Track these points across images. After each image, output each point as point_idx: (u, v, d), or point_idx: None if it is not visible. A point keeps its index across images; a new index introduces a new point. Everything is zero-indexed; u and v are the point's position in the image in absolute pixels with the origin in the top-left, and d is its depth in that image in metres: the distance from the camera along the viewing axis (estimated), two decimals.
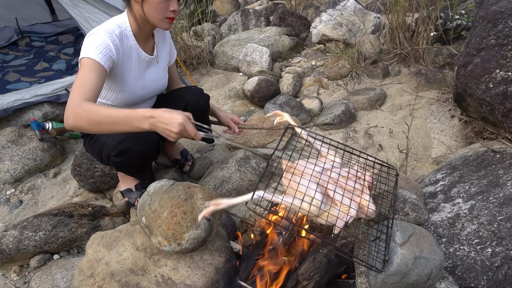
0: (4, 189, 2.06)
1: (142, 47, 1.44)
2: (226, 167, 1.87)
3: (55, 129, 2.28)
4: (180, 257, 1.31)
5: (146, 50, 1.46)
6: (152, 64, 1.51)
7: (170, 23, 1.34)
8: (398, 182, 1.45)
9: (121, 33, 1.33)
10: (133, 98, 1.47)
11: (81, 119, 1.09)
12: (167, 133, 1.09)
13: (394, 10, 2.68)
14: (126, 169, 1.59)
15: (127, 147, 1.39)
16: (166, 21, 1.32)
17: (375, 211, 1.14)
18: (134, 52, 1.41)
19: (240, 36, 3.43)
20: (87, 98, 1.13)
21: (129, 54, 1.39)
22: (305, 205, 1.06)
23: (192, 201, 1.28)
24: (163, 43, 1.58)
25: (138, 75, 1.45)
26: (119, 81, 1.39)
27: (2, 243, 1.52)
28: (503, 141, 1.70)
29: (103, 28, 1.29)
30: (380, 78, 2.78)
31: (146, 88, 1.50)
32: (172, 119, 1.07)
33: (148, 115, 1.08)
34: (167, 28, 1.37)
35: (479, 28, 1.80)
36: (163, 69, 1.59)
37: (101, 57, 1.22)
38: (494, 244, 1.27)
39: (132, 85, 1.43)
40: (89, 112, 1.08)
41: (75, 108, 1.10)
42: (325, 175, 1.19)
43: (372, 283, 1.11)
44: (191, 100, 1.62)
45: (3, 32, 3.30)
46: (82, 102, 1.10)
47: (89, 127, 1.11)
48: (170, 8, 1.29)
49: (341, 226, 1.05)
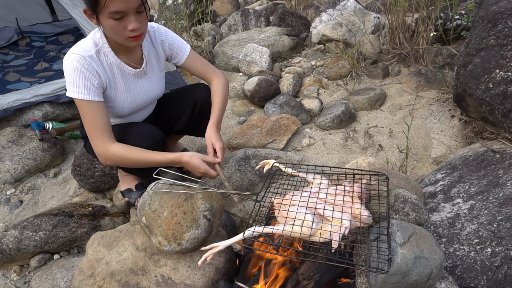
0: (4, 189, 2.06)
1: (125, 61, 1.37)
2: (226, 167, 1.87)
3: (55, 129, 2.28)
4: (180, 257, 1.31)
5: (131, 63, 1.39)
6: (141, 76, 1.44)
7: (136, 40, 1.23)
8: (398, 182, 1.45)
9: (98, 51, 1.29)
10: (125, 111, 1.45)
11: (121, 163, 1.33)
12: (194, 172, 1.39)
13: (394, 10, 2.68)
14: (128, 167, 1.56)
15: (132, 143, 1.38)
16: (129, 40, 1.22)
17: (369, 216, 1.16)
18: (116, 68, 1.35)
19: (240, 36, 3.43)
20: (110, 139, 1.29)
21: (111, 72, 1.34)
22: (297, 228, 1.10)
23: (192, 201, 1.28)
24: (153, 51, 1.48)
25: (126, 90, 1.40)
26: (110, 98, 1.38)
27: (3, 243, 1.52)
28: (503, 141, 1.70)
29: (77, 54, 1.23)
30: (380, 78, 2.78)
31: (137, 101, 1.46)
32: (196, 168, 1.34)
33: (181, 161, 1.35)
34: (135, 45, 1.28)
35: (479, 28, 1.80)
36: (156, 78, 1.51)
37: (89, 94, 1.25)
38: (494, 244, 1.27)
39: (120, 101, 1.40)
40: (128, 157, 1.30)
41: (110, 156, 1.29)
42: (314, 197, 1.23)
43: (372, 283, 1.11)
44: (201, 97, 1.62)
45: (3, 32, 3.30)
46: (112, 148, 1.29)
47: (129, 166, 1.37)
48: (128, 28, 1.18)
49: (338, 239, 1.06)
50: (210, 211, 1.29)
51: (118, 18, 1.15)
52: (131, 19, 1.17)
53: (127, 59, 1.38)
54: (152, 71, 1.49)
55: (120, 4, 1.11)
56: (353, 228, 1.15)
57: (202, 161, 1.33)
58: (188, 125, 1.70)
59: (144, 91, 1.47)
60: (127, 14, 1.15)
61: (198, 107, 1.63)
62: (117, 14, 1.13)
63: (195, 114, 1.65)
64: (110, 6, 1.11)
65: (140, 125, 1.49)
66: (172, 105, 1.69)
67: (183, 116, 1.66)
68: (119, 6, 1.12)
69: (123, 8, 1.13)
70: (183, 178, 1.52)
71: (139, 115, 1.57)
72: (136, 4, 1.15)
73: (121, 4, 1.12)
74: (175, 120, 1.69)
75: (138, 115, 1.56)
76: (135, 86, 1.44)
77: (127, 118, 1.53)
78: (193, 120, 1.67)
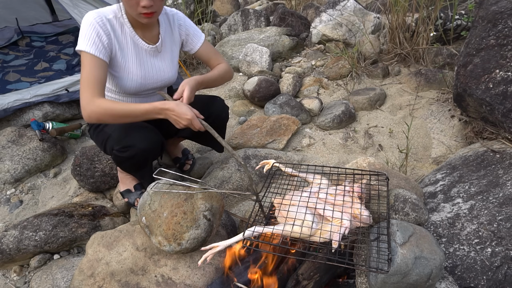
0: (4, 189, 2.06)
1: (141, 35, 1.41)
2: (226, 167, 1.87)
3: (55, 129, 2.28)
4: (180, 257, 1.31)
5: (146, 39, 1.42)
6: (155, 54, 1.47)
7: (148, 17, 1.28)
8: (398, 182, 1.45)
9: (116, 18, 1.34)
10: (133, 86, 1.44)
11: (103, 117, 1.26)
12: (177, 123, 1.29)
13: (394, 10, 2.68)
14: (126, 164, 1.55)
15: (132, 143, 1.39)
16: (141, 16, 1.28)
17: (369, 216, 1.16)
18: (130, 40, 1.39)
19: (240, 36, 3.43)
20: (99, 94, 1.25)
21: (125, 42, 1.38)
22: (296, 228, 1.10)
23: (192, 201, 1.28)
24: (169, 32, 1.52)
25: (137, 63, 1.42)
26: (120, 67, 1.39)
27: (3, 243, 1.52)
28: (503, 141, 1.70)
29: (97, 13, 1.30)
30: (380, 78, 2.78)
31: (147, 78, 1.46)
32: (183, 114, 1.26)
33: (164, 107, 1.27)
34: (146, 22, 1.32)
35: (479, 28, 1.80)
36: (168, 60, 1.53)
37: (96, 50, 1.26)
38: (494, 244, 1.27)
39: (130, 72, 1.41)
40: (111, 110, 1.24)
41: (94, 109, 1.24)
42: (313, 197, 1.23)
43: (372, 283, 1.11)
44: (215, 112, 1.63)
45: (4, 32, 3.31)
46: (98, 102, 1.24)
47: (112, 121, 1.29)
48: (140, 4, 1.23)
49: (338, 239, 1.06)
50: (210, 211, 1.29)
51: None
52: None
53: (142, 35, 1.41)
54: (166, 52, 1.51)
55: None
56: (353, 228, 1.15)
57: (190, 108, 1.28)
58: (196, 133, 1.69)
59: (156, 70, 1.48)
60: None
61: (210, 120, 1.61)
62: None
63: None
64: None
65: (141, 125, 1.49)
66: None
67: None
68: None
69: None
70: (183, 178, 1.52)
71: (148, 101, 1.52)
72: None
73: None
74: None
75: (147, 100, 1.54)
76: (147, 62, 1.45)
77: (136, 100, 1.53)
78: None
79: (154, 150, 1.46)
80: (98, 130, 1.53)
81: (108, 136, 1.46)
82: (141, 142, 1.40)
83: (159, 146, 1.47)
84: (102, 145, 1.52)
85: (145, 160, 1.51)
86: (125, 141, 1.40)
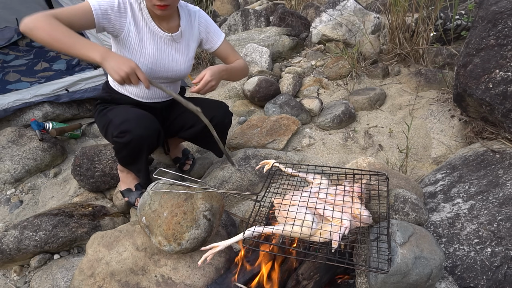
0: (4, 189, 2.06)
1: (158, 23, 1.44)
2: (226, 167, 1.88)
3: (55, 129, 2.28)
4: (180, 257, 1.31)
5: (162, 28, 1.46)
6: (170, 43, 1.49)
7: (162, 9, 1.33)
8: (398, 182, 1.45)
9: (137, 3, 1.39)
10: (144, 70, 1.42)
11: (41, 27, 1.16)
12: (116, 70, 1.17)
13: (394, 10, 2.68)
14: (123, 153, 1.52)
15: (129, 128, 1.39)
16: (155, 8, 1.33)
17: (369, 216, 1.16)
18: (147, 26, 1.43)
19: (240, 36, 3.43)
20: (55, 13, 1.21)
21: (141, 26, 1.42)
22: (296, 228, 1.10)
23: (192, 201, 1.29)
24: (189, 27, 1.55)
25: (151, 48, 1.45)
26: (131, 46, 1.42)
27: (3, 243, 1.52)
28: (503, 141, 1.70)
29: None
30: (380, 78, 2.78)
31: (159, 64, 1.48)
32: (128, 61, 1.19)
33: (105, 51, 1.18)
34: (160, 14, 1.37)
35: (479, 28, 1.80)
36: (184, 52, 1.55)
37: (98, 11, 1.28)
38: (493, 244, 1.27)
39: (144, 55, 1.43)
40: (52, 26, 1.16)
41: (40, 18, 1.17)
42: (314, 197, 1.23)
43: (372, 283, 1.11)
44: (218, 117, 1.63)
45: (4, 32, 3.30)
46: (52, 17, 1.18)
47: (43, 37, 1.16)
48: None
49: (338, 239, 1.06)
50: (210, 211, 1.29)
51: None
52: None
53: (159, 23, 1.45)
54: (182, 44, 1.53)
55: None
56: (353, 228, 1.15)
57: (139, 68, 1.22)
58: (195, 135, 1.70)
59: (169, 59, 1.50)
60: None
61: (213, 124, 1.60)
62: None
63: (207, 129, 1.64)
64: None
65: (140, 112, 1.49)
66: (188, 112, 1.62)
67: (196, 126, 1.65)
68: None
69: None
70: (183, 178, 1.52)
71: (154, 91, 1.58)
72: None
73: None
74: (186, 126, 1.68)
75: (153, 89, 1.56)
76: (162, 49, 1.48)
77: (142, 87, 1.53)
78: (202, 133, 1.65)
79: (150, 138, 1.45)
80: (102, 114, 1.55)
81: (110, 121, 1.47)
82: (138, 128, 1.41)
83: (155, 134, 1.47)
84: (104, 129, 1.53)
85: (141, 148, 1.46)
86: (123, 126, 1.40)
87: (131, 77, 1.20)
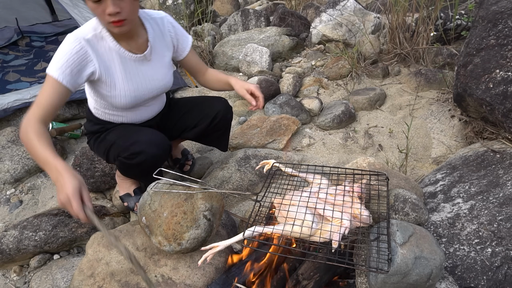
0: (4, 189, 2.06)
1: (126, 46, 1.31)
2: (226, 167, 1.87)
3: (55, 129, 2.28)
4: (180, 257, 1.31)
5: (131, 49, 1.32)
6: (144, 63, 1.37)
7: (118, 26, 1.17)
8: (398, 182, 1.45)
9: (95, 36, 1.24)
10: (127, 100, 1.37)
11: (24, 144, 1.14)
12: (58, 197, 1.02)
13: (394, 10, 2.68)
14: (133, 171, 1.50)
15: (141, 149, 1.35)
16: (111, 26, 1.17)
17: (369, 216, 1.16)
18: (114, 53, 1.29)
19: (240, 36, 3.43)
20: (40, 119, 1.15)
21: (108, 57, 1.29)
22: (296, 228, 1.10)
23: (192, 201, 1.28)
24: (160, 37, 1.42)
25: (126, 78, 1.34)
26: (108, 86, 1.32)
27: (2, 243, 1.52)
28: (503, 141, 1.70)
29: (75, 36, 1.21)
30: (380, 78, 2.78)
31: (140, 89, 1.38)
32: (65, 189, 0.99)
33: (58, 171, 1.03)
34: (118, 32, 1.21)
35: (479, 28, 1.80)
36: (163, 66, 1.44)
37: (63, 76, 1.17)
38: (494, 244, 1.27)
39: (121, 89, 1.33)
40: (29, 142, 1.11)
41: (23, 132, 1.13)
42: (313, 197, 1.22)
43: (372, 283, 1.11)
44: (222, 112, 1.60)
45: (3, 32, 3.30)
46: (30, 127, 1.12)
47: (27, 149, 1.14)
48: (106, 12, 1.12)
49: (338, 239, 1.06)
50: (210, 211, 1.29)
51: (97, 1, 1.10)
52: (108, 3, 1.11)
53: (127, 45, 1.31)
54: (157, 58, 1.41)
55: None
56: (353, 228, 1.15)
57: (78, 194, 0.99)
58: (199, 134, 1.68)
59: (148, 79, 1.39)
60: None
61: (217, 120, 1.61)
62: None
63: (212, 126, 1.63)
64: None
65: (148, 131, 1.44)
66: (190, 113, 1.65)
67: (200, 126, 1.62)
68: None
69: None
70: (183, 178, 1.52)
71: (146, 111, 1.51)
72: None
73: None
74: (189, 127, 1.65)
75: (145, 110, 1.50)
76: (137, 73, 1.36)
77: (134, 112, 1.47)
78: (207, 131, 1.65)
79: (163, 155, 1.41)
80: (100, 140, 1.49)
81: (112, 143, 1.42)
82: (151, 148, 1.36)
83: (168, 150, 1.44)
84: (105, 154, 1.48)
85: (154, 166, 1.41)
86: (132, 148, 1.35)
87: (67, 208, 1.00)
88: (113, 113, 1.46)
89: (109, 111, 1.45)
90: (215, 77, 1.61)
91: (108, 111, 1.45)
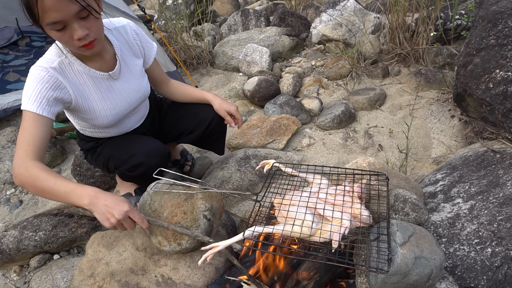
0: (4, 189, 2.06)
1: (95, 66, 1.24)
2: (226, 167, 1.87)
3: (55, 129, 2.28)
4: (180, 257, 1.31)
5: (101, 68, 1.26)
6: (116, 78, 1.32)
7: (89, 48, 1.11)
8: (398, 182, 1.45)
9: (61, 62, 1.18)
10: (109, 119, 1.33)
11: (27, 184, 1.06)
12: (107, 216, 1.02)
13: (394, 10, 2.68)
14: (133, 180, 1.52)
15: (140, 161, 1.34)
16: (82, 49, 1.11)
17: (369, 216, 1.16)
18: (85, 76, 1.23)
19: (240, 36, 3.43)
20: (34, 156, 1.08)
21: (80, 81, 1.23)
22: (296, 228, 1.10)
23: (192, 201, 1.28)
24: (127, 47, 1.36)
25: (102, 98, 1.28)
26: (85, 111, 1.27)
27: (2, 243, 1.52)
28: (503, 141, 1.70)
29: (39, 67, 1.15)
30: (380, 78, 2.78)
31: (119, 106, 1.34)
32: (118, 205, 1.02)
33: (93, 194, 1.02)
34: (91, 53, 1.15)
35: (479, 28, 1.80)
36: (135, 77, 1.38)
37: (42, 108, 1.10)
38: (494, 244, 1.27)
39: (100, 110, 1.29)
40: (35, 179, 1.04)
41: (22, 172, 1.05)
42: (313, 197, 1.22)
43: (372, 283, 1.11)
44: (217, 116, 1.58)
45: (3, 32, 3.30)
46: (29, 165, 1.05)
47: (35, 192, 1.08)
48: (74, 37, 1.05)
49: (338, 239, 1.06)
50: (210, 211, 1.29)
51: (61, 29, 1.03)
52: (74, 28, 1.03)
53: (96, 64, 1.25)
54: (129, 71, 1.36)
55: (54, 14, 0.98)
56: (353, 228, 1.15)
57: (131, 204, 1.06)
58: (196, 139, 1.68)
59: (125, 94, 1.35)
60: (68, 23, 1.02)
61: (212, 125, 1.61)
62: (56, 25, 1.01)
63: (208, 131, 1.63)
64: (45, 18, 0.98)
65: (144, 140, 1.42)
66: (185, 118, 1.64)
67: (196, 132, 1.62)
68: (54, 16, 0.98)
69: (60, 18, 0.99)
70: (183, 178, 1.52)
71: (132, 120, 1.48)
72: (74, 10, 1.00)
73: (56, 14, 0.98)
74: (185, 133, 1.65)
75: (130, 120, 1.47)
76: (112, 90, 1.31)
77: (120, 126, 1.44)
78: (203, 136, 1.65)
79: (163, 164, 1.40)
80: (96, 154, 1.47)
81: (109, 157, 1.41)
82: (149, 159, 1.35)
83: (167, 157, 1.44)
84: (104, 167, 1.47)
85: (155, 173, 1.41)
86: (131, 161, 1.35)
87: (125, 223, 1.04)
88: (100, 131, 1.43)
89: (95, 130, 1.42)
90: (182, 91, 1.60)
91: (94, 130, 1.42)
